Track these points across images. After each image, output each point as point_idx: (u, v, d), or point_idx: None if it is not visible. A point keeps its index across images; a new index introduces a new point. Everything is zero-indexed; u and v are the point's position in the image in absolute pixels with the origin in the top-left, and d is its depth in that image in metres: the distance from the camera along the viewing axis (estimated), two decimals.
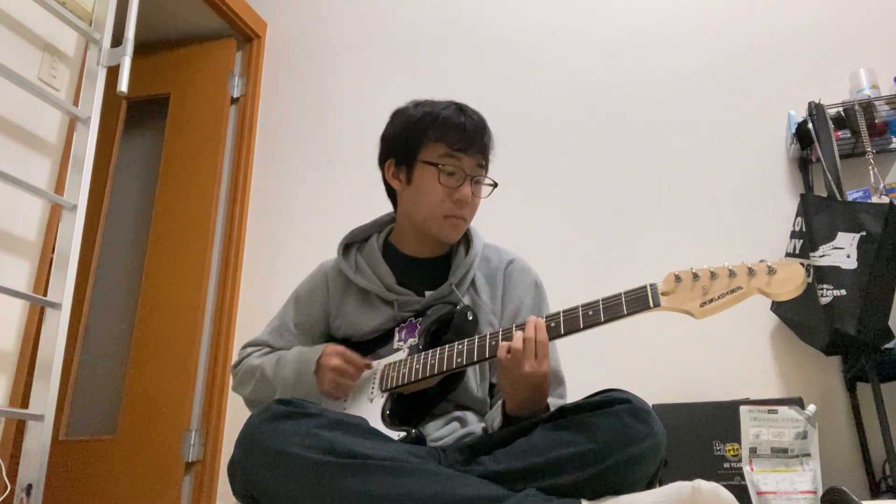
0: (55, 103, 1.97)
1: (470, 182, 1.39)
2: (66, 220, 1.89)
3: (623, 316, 1.12)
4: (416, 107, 1.45)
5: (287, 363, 1.37)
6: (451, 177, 1.37)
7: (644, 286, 1.13)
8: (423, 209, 1.40)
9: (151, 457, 2.58)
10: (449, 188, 1.37)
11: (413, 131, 1.41)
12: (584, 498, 1.01)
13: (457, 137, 1.37)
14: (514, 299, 1.43)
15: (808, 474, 1.51)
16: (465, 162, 1.38)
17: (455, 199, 1.37)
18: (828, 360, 2.09)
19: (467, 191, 1.38)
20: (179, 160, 3.04)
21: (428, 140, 1.39)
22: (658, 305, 1.09)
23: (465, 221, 1.42)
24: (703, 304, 1.07)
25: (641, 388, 1.24)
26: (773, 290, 1.04)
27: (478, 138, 1.40)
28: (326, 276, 1.50)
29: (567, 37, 2.73)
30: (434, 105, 1.43)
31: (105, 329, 2.93)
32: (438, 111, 1.40)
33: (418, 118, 1.41)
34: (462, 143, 1.37)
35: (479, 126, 1.41)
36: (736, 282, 1.06)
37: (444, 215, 1.38)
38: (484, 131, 1.42)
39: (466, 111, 1.42)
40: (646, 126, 2.53)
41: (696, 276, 1.09)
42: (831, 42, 2.40)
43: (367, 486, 0.98)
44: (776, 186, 2.31)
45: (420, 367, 1.27)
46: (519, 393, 1.18)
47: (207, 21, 3.09)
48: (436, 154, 1.38)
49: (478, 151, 1.40)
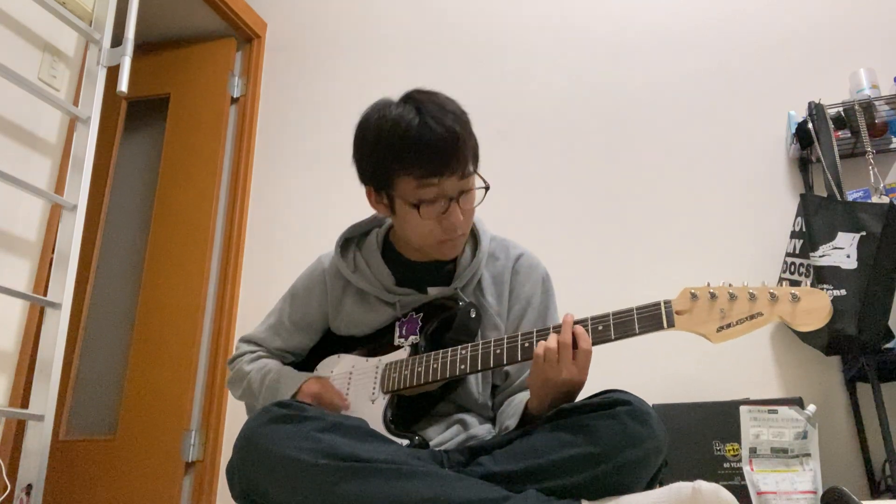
0: (55, 103, 1.97)
1: (457, 200, 1.25)
2: (66, 220, 1.89)
3: (634, 334, 1.09)
4: (376, 124, 1.25)
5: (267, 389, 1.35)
6: (434, 205, 1.23)
7: (658, 303, 1.09)
8: (414, 238, 1.31)
9: (151, 457, 2.58)
10: (434, 218, 1.25)
11: (379, 163, 1.25)
12: (585, 499, 1.01)
13: (426, 166, 1.20)
14: (521, 298, 1.38)
15: (808, 474, 1.51)
16: (444, 185, 1.22)
17: (445, 226, 1.26)
18: (828, 360, 2.09)
19: (456, 214, 1.24)
20: (179, 160, 3.04)
21: (397, 174, 1.23)
22: (672, 326, 1.06)
23: (463, 236, 1.32)
24: (721, 329, 1.02)
25: (641, 388, 1.23)
26: (797, 320, 0.98)
27: (451, 154, 1.20)
28: (325, 274, 1.45)
29: (566, 37, 2.73)
30: (393, 120, 1.22)
31: (105, 329, 2.93)
32: (400, 133, 1.20)
33: (381, 147, 1.23)
34: (434, 168, 1.20)
35: (447, 137, 1.19)
36: (757, 307, 1.01)
37: (438, 241, 1.28)
38: (455, 142, 1.20)
39: (429, 120, 1.20)
40: (645, 126, 2.52)
41: (713, 295, 1.04)
42: (831, 42, 2.39)
43: (366, 489, 0.98)
44: (776, 186, 2.31)
45: (422, 371, 1.25)
46: (549, 397, 1.14)
47: (207, 21, 3.09)
48: (410, 188, 1.22)
49: (456, 167, 1.21)
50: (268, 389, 1.35)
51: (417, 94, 1.26)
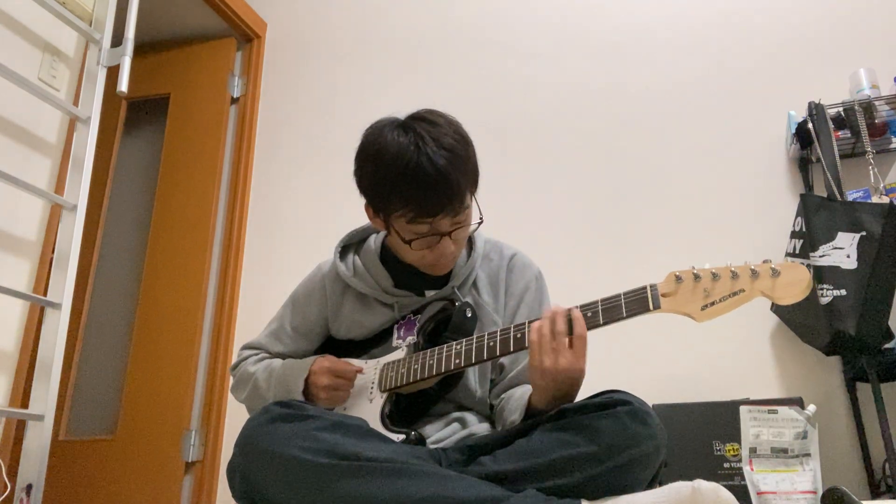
0: (55, 103, 1.97)
1: (449, 235, 1.27)
2: (66, 220, 1.89)
3: (622, 318, 1.10)
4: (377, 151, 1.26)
5: (277, 381, 1.36)
6: (426, 238, 1.26)
7: (644, 287, 1.11)
8: (407, 257, 1.33)
9: (151, 457, 2.58)
10: (426, 249, 1.28)
11: (377, 193, 1.27)
12: (585, 499, 1.01)
13: (420, 208, 1.22)
14: (514, 295, 1.41)
15: (808, 474, 1.51)
16: (437, 223, 1.24)
17: (436, 254, 1.29)
18: (828, 360, 2.09)
19: (446, 245, 1.27)
20: (179, 160, 3.04)
21: (393, 208, 1.25)
22: (658, 307, 1.08)
23: (455, 257, 1.33)
24: (705, 307, 1.05)
25: (641, 388, 1.23)
26: (777, 293, 1.01)
27: (444, 197, 1.21)
28: (324, 279, 1.47)
29: (566, 37, 2.73)
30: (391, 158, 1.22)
31: (105, 329, 2.93)
32: (398, 172, 1.21)
33: (378, 180, 1.25)
34: (428, 210, 1.22)
35: (442, 179, 1.20)
36: (738, 284, 1.03)
37: (429, 264, 1.31)
38: (449, 185, 1.20)
39: (423, 163, 1.19)
40: (645, 126, 2.53)
41: (697, 276, 1.07)
42: (831, 42, 2.39)
43: (367, 488, 0.98)
44: (776, 186, 2.31)
45: (419, 368, 1.26)
46: (551, 389, 1.13)
47: (207, 21, 3.09)
48: (404, 221, 1.24)
49: (450, 209, 1.23)
50: (277, 380, 1.36)
51: (419, 126, 1.25)
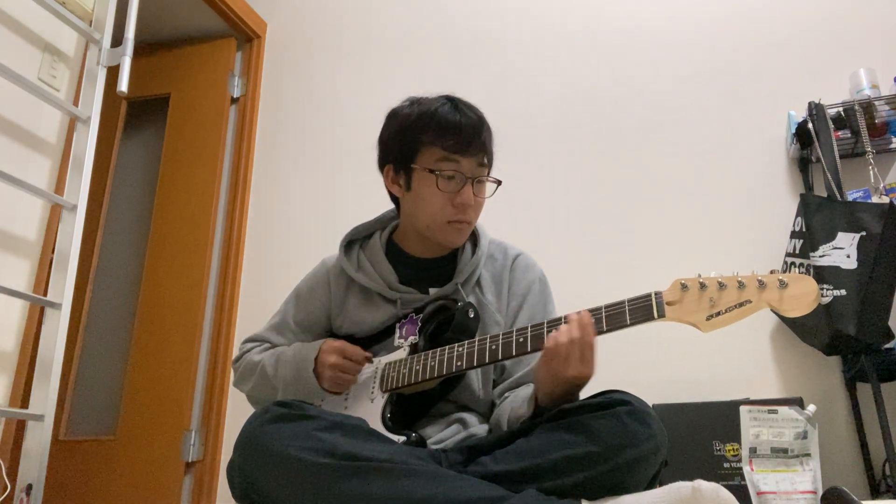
0: (55, 103, 1.97)
1: (471, 183, 1.34)
2: (66, 220, 1.89)
3: (625, 326, 1.09)
4: (410, 106, 1.39)
5: (286, 361, 1.36)
6: (451, 181, 1.32)
7: (648, 295, 1.09)
8: (424, 216, 1.36)
9: (151, 457, 2.58)
10: (449, 193, 1.33)
11: (408, 135, 1.35)
12: (585, 499, 1.01)
13: (453, 139, 1.31)
14: (517, 295, 1.41)
15: (808, 474, 1.51)
16: (464, 164, 1.32)
17: (456, 204, 1.33)
18: (828, 360, 2.09)
19: (468, 194, 1.33)
20: (179, 160, 3.04)
21: (423, 144, 1.33)
22: (663, 316, 1.06)
23: (470, 224, 1.38)
24: (710, 317, 1.03)
25: (641, 389, 1.23)
26: (785, 305, 0.99)
27: (475, 137, 1.33)
28: (328, 274, 1.48)
29: (567, 37, 2.73)
30: (428, 104, 1.36)
31: (105, 329, 2.93)
32: (433, 111, 1.33)
33: (412, 120, 1.35)
34: (459, 145, 1.31)
35: (476, 124, 1.34)
36: (745, 294, 1.01)
37: (447, 221, 1.34)
38: (482, 128, 1.34)
39: (461, 108, 1.35)
40: (646, 126, 2.52)
41: (703, 285, 1.04)
42: (831, 42, 2.39)
43: (367, 489, 0.98)
44: (776, 186, 2.30)
45: (420, 369, 1.26)
46: (558, 391, 1.14)
47: (207, 21, 3.09)
48: (433, 159, 1.32)
49: (477, 151, 1.33)
50: (286, 362, 1.36)
51: (449, 95, 1.40)
